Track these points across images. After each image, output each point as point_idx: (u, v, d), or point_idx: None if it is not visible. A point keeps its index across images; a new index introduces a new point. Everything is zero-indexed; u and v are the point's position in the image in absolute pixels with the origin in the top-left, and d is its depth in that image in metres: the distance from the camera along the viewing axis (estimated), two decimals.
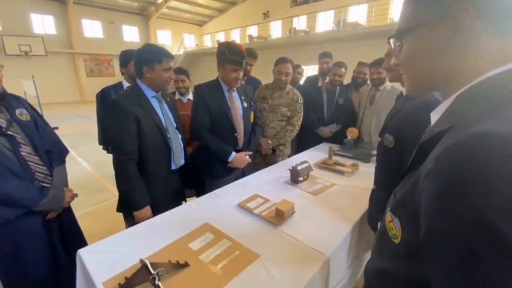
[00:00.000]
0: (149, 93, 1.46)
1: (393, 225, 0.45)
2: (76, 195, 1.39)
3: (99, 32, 14.80)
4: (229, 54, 1.58)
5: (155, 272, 0.84)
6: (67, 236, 1.38)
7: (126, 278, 0.85)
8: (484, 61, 0.39)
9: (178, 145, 1.57)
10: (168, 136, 1.49)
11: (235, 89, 1.78)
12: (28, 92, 7.46)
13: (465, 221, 0.29)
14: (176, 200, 1.67)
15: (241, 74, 1.66)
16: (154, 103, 1.48)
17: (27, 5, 12.04)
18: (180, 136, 1.60)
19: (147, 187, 1.44)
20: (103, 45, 14.75)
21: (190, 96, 2.27)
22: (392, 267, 0.46)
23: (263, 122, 2.22)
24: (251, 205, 1.36)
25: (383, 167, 1.16)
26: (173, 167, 1.58)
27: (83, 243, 1.54)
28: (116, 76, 14.70)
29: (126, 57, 1.93)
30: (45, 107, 7.93)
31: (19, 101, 1.27)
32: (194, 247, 1.04)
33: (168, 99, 1.59)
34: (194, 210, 1.34)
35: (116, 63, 15.00)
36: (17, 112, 1.21)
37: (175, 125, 1.57)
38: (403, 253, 0.42)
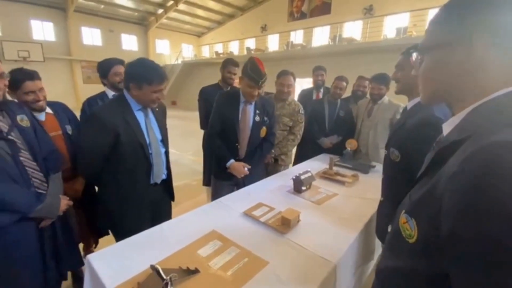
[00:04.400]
0: (135, 106, 1.39)
1: (408, 226, 0.48)
2: (71, 203, 1.37)
3: (98, 40, 14.88)
4: (250, 71, 1.65)
5: (168, 277, 0.85)
6: (60, 247, 1.35)
7: (138, 283, 0.86)
8: (497, 81, 0.43)
9: (160, 161, 1.50)
10: (150, 152, 1.43)
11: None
12: None
13: (491, 219, 0.32)
14: (158, 214, 1.57)
15: (256, 92, 1.71)
16: (139, 116, 1.41)
17: (27, 12, 12.07)
18: (163, 150, 1.54)
19: (122, 202, 1.43)
20: (101, 53, 14.62)
21: (48, 109, 1.62)
22: (407, 264, 0.49)
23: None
24: (256, 213, 1.38)
25: (390, 179, 1.20)
26: (152, 181, 1.51)
27: (76, 256, 1.52)
28: None
29: (103, 68, 1.91)
30: None
31: (20, 107, 1.28)
32: (203, 254, 1.05)
33: (157, 109, 1.53)
34: (200, 217, 1.35)
35: None
36: (18, 118, 1.22)
37: (160, 137, 1.51)
38: (419, 250, 0.45)
